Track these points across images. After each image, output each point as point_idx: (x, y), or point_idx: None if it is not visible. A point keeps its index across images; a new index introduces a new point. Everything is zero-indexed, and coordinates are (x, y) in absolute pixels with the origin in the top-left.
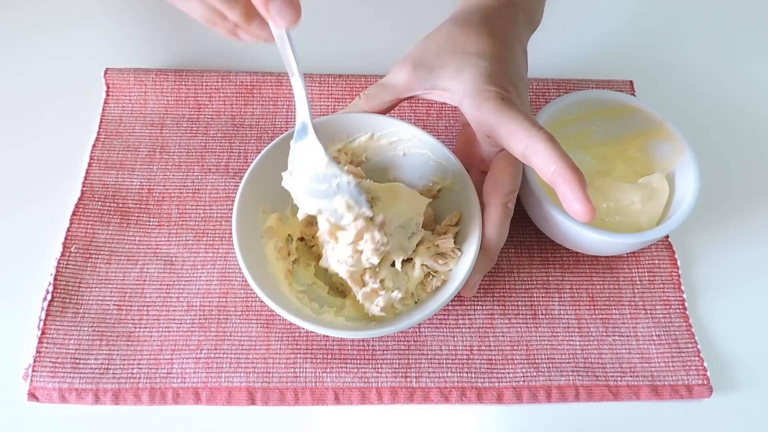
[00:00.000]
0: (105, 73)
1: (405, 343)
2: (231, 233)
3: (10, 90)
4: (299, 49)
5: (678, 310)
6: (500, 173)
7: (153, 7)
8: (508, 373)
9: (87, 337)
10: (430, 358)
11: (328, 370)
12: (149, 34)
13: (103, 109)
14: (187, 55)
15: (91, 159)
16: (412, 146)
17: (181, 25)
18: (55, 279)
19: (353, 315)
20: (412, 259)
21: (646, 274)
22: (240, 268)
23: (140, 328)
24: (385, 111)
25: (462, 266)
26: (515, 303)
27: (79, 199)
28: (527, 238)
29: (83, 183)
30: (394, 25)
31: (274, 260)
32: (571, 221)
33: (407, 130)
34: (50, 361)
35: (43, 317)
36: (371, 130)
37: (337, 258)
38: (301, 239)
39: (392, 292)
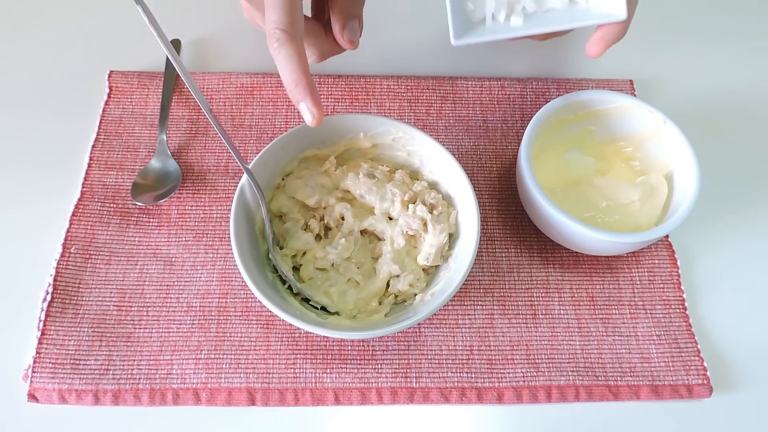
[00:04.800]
0: (109, 76)
1: (405, 343)
2: (230, 234)
3: (11, 91)
4: None
5: (678, 310)
6: None
7: (154, 10)
8: (508, 373)
9: (87, 338)
10: (430, 358)
11: (328, 370)
12: (151, 37)
13: (103, 110)
14: (189, 58)
15: (90, 160)
16: (406, 144)
17: (183, 28)
18: (55, 280)
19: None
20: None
21: (646, 274)
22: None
23: (140, 328)
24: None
25: (461, 265)
26: (515, 303)
27: (79, 199)
28: (527, 238)
29: (83, 183)
30: (393, 27)
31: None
32: (571, 221)
33: (398, 128)
34: (50, 362)
35: (42, 318)
36: (360, 130)
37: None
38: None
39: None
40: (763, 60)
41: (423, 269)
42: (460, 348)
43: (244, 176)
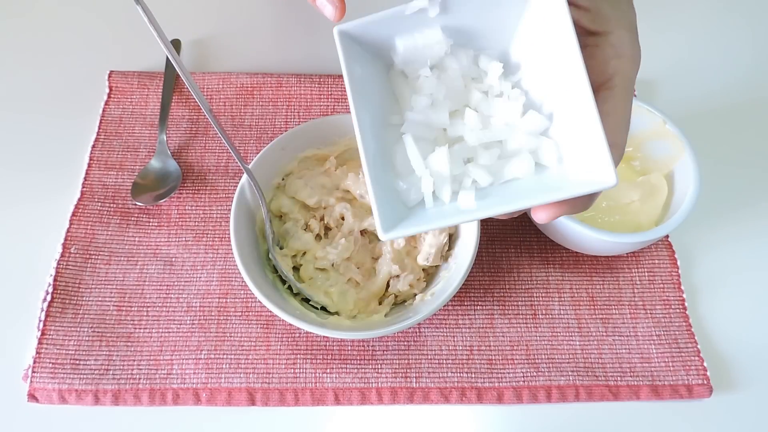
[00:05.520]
0: (109, 76)
1: (405, 343)
2: (230, 234)
3: (11, 91)
4: (295, 52)
5: (678, 310)
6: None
7: (154, 11)
8: (508, 373)
9: (87, 338)
10: (430, 358)
11: (328, 370)
12: (150, 36)
13: (103, 110)
14: (189, 58)
15: (90, 160)
16: None
17: (183, 29)
18: (55, 280)
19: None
20: None
21: (646, 274)
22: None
23: (140, 328)
24: None
25: (461, 265)
26: (515, 303)
27: (79, 199)
28: (527, 238)
29: (83, 184)
30: None
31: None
32: (571, 221)
33: None
34: (50, 362)
35: (42, 318)
36: None
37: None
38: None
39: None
40: (764, 60)
41: (423, 269)
42: (460, 348)
43: (244, 176)
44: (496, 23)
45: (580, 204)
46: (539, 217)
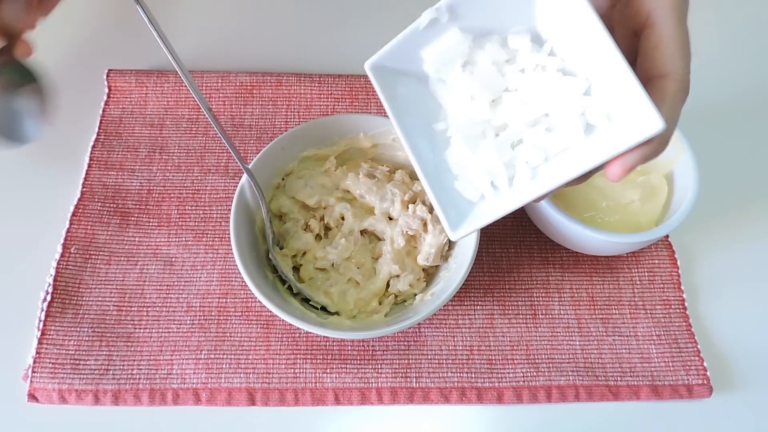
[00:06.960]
0: (107, 75)
1: (405, 343)
2: (230, 234)
3: None
4: (295, 51)
5: (678, 310)
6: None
7: (153, 9)
8: (508, 373)
9: (87, 338)
10: (430, 358)
11: (328, 370)
12: (149, 35)
13: (103, 110)
14: (188, 57)
15: (90, 160)
16: None
17: (183, 27)
18: (55, 280)
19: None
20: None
21: (646, 274)
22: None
23: (140, 328)
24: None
25: (461, 265)
26: (515, 303)
27: (79, 199)
28: (527, 238)
29: (83, 184)
30: (393, 26)
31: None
32: (571, 221)
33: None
34: (50, 362)
35: (42, 318)
36: (360, 130)
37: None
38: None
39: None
40: (764, 60)
41: (423, 269)
42: (460, 348)
43: (244, 176)
44: (512, 4)
45: (646, 153)
46: (612, 176)
